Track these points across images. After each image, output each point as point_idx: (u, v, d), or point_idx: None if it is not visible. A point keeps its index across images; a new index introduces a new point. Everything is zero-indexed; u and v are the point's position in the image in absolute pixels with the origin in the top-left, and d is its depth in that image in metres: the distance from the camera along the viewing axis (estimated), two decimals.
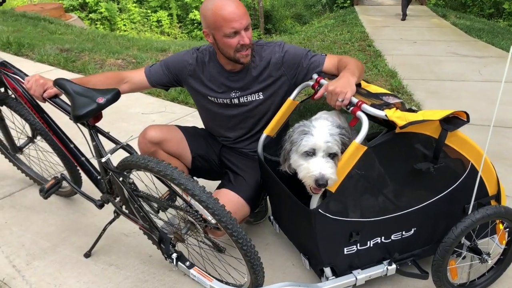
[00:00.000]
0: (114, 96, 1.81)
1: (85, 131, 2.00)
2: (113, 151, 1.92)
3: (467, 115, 1.85)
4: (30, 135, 2.67)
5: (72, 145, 2.20)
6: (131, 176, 2.02)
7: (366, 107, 1.80)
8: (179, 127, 2.39)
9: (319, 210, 1.83)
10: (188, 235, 1.98)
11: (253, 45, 2.22)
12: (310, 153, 1.75)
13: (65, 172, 2.54)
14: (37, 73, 2.21)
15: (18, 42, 5.64)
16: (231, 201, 2.17)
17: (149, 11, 14.36)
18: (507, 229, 2.06)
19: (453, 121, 1.86)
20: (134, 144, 2.23)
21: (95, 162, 2.15)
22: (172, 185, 1.73)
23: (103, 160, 1.89)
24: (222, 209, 1.69)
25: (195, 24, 13.72)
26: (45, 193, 2.16)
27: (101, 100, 1.76)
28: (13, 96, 2.22)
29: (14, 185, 2.98)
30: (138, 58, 5.70)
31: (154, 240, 2.11)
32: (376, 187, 1.90)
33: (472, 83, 5.59)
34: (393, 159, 1.87)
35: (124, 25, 13.97)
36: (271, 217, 2.43)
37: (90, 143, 1.98)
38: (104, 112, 1.90)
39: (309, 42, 8.88)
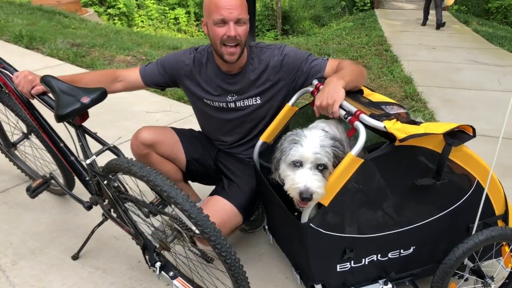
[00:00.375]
0: (100, 95, 1.73)
1: (73, 131, 1.93)
2: (98, 153, 1.85)
3: (473, 129, 1.73)
4: (25, 131, 2.62)
5: (61, 144, 2.13)
6: (121, 178, 1.95)
7: (365, 117, 1.69)
8: (174, 129, 2.31)
9: (311, 224, 1.73)
10: (174, 244, 1.89)
11: (252, 47, 2.13)
12: (298, 164, 1.66)
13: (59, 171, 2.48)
14: (46, 66, 2.16)
15: (30, 35, 5.63)
16: (223, 209, 2.08)
17: (167, 8, 14.35)
18: None
19: (458, 136, 1.74)
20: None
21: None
22: (156, 191, 1.64)
23: (88, 161, 1.82)
24: (205, 219, 1.60)
25: None
26: (32, 192, 2.10)
27: (85, 99, 1.68)
28: (6, 91, 2.17)
29: (10, 181, 2.94)
30: (149, 55, 5.65)
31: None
32: (374, 202, 1.79)
33: (490, 93, 5.41)
34: (392, 173, 1.76)
35: (142, 21, 13.98)
36: (266, 227, 2.33)
37: (77, 143, 1.91)
38: (107, 109, 1.84)
39: (325, 44, 8.75)
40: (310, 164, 1.64)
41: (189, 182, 2.47)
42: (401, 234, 1.86)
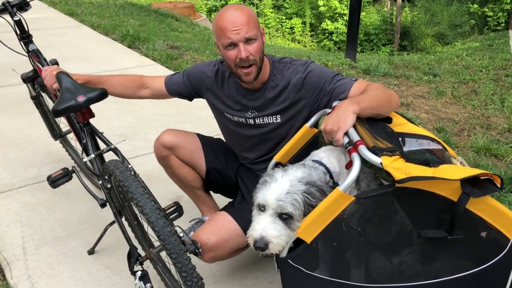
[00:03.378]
0: (98, 95, 1.74)
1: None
2: (99, 153, 1.85)
3: (502, 180, 1.40)
4: None
5: (84, 141, 2.18)
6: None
7: (363, 149, 1.46)
8: (200, 136, 2.25)
9: (289, 260, 1.54)
10: (160, 256, 1.83)
11: (275, 62, 1.99)
12: (262, 209, 1.53)
13: None
14: (138, 66, 2.26)
15: (134, 36, 6.02)
16: (226, 227, 1.97)
17: (284, 17, 14.50)
18: None
19: (481, 185, 1.42)
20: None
21: None
22: (129, 197, 1.59)
23: (85, 160, 1.83)
24: (169, 235, 1.51)
25: (326, 34, 13.47)
26: (52, 182, 2.18)
27: (81, 98, 1.70)
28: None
29: None
30: None
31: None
32: (370, 246, 1.54)
33: None
34: (393, 217, 1.50)
35: None
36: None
37: (86, 140, 1.94)
38: (176, 110, 1.85)
39: (437, 64, 8.09)
40: (271, 210, 1.50)
41: (212, 193, 2.39)
42: None
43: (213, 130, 3.60)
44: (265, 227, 1.47)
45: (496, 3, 12.87)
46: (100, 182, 1.83)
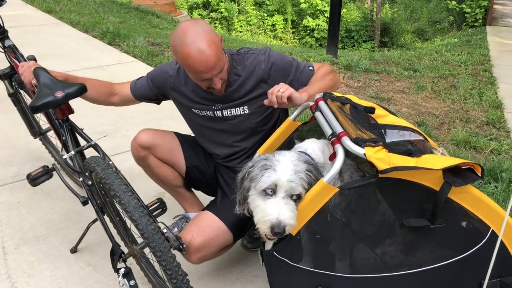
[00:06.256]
0: (77, 90, 1.71)
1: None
2: (79, 149, 1.82)
3: (483, 169, 1.41)
4: None
5: (63, 138, 2.15)
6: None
7: (346, 140, 1.46)
8: (178, 134, 2.23)
9: (274, 253, 1.53)
10: (144, 253, 1.80)
11: (233, 55, 1.99)
12: (270, 192, 1.47)
13: None
14: (118, 62, 2.23)
15: (114, 33, 5.94)
16: (210, 225, 1.95)
17: (265, 14, 14.50)
18: None
19: (462, 174, 1.44)
20: None
21: None
22: (111, 195, 1.57)
23: (65, 157, 1.80)
24: (153, 232, 1.49)
25: (308, 31, 13.53)
26: (31, 181, 2.14)
27: (59, 94, 1.66)
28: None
29: None
30: None
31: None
32: (354, 237, 1.55)
33: None
34: (377, 208, 1.51)
35: (241, 26, 14.27)
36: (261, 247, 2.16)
37: (66, 137, 1.90)
38: (157, 107, 1.81)
39: (417, 60, 8.17)
40: (283, 192, 1.45)
41: (194, 191, 2.37)
42: (389, 280, 1.59)
43: None
44: (281, 210, 1.42)
45: (473, 0, 13.07)
46: (81, 179, 1.79)
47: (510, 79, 6.70)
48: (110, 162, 1.71)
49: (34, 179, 2.14)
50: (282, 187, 1.46)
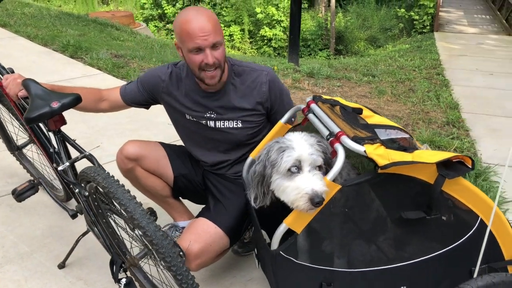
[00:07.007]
0: (72, 101, 1.69)
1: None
2: (73, 160, 1.80)
3: (473, 161, 1.52)
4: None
5: (51, 150, 2.11)
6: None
7: (345, 139, 1.53)
8: (163, 144, 2.23)
9: (281, 252, 1.57)
10: (144, 261, 1.80)
11: (234, 66, 2.03)
12: (295, 170, 1.51)
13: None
14: (83, 75, 2.18)
15: (76, 45, 5.83)
16: (207, 231, 1.96)
17: (222, 25, 14.57)
18: None
19: (454, 167, 1.54)
20: None
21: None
22: (115, 203, 1.56)
23: (60, 168, 1.77)
24: (162, 239, 1.49)
25: (265, 41, 13.71)
26: (17, 196, 2.09)
27: (55, 104, 1.64)
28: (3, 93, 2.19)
29: (20, 183, 2.96)
30: None
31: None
32: (355, 233, 1.61)
33: None
34: (377, 202, 1.58)
35: None
36: (255, 251, 2.19)
37: (57, 148, 1.87)
38: (132, 118, 1.79)
39: (374, 66, 8.47)
40: (308, 166, 1.50)
41: (182, 199, 2.38)
42: (390, 271, 1.66)
43: (172, 136, 3.56)
44: (313, 181, 1.46)
45: (421, 7, 13.67)
46: (77, 190, 1.77)
47: (462, 82, 7.06)
48: (107, 172, 1.70)
49: (20, 194, 2.10)
50: (306, 162, 1.51)
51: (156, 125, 3.86)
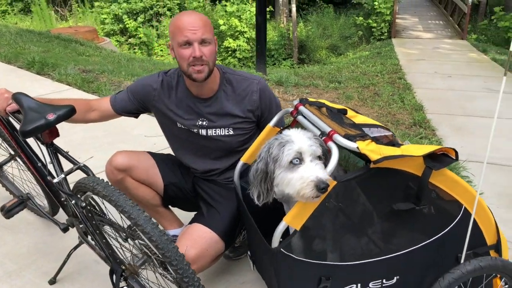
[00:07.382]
0: (67, 112, 1.70)
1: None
2: (68, 172, 1.80)
3: (456, 152, 1.63)
4: (12, 152, 2.60)
5: (39, 164, 2.09)
6: (99, 200, 1.90)
7: (338, 137, 1.61)
8: (151, 153, 2.26)
9: (282, 249, 1.63)
10: (144, 268, 1.81)
11: (226, 73, 2.09)
12: (297, 161, 1.57)
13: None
14: (53, 92, 2.16)
15: (42, 62, 5.73)
16: (202, 237, 1.99)
17: None
18: (506, 286, 1.79)
19: (440, 159, 1.64)
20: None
21: None
22: (118, 212, 1.58)
23: (55, 180, 1.77)
24: (167, 243, 1.52)
25: (229, 52, 13.81)
26: (6, 213, 2.06)
27: (51, 116, 1.65)
28: None
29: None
30: None
31: None
32: (350, 227, 1.68)
33: (504, 121, 5.24)
34: (371, 196, 1.66)
35: (161, 50, 14.24)
36: (249, 253, 2.23)
37: (48, 161, 1.87)
38: (108, 132, 1.80)
39: (338, 72, 8.70)
40: (309, 156, 1.56)
41: (171, 207, 2.40)
42: (383, 263, 1.74)
43: (149, 148, 3.58)
44: (315, 170, 1.52)
45: (378, 15, 14.14)
46: (73, 201, 1.77)
47: (424, 85, 7.37)
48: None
49: (9, 211, 2.08)
50: (307, 153, 1.57)
51: (133, 138, 3.86)
